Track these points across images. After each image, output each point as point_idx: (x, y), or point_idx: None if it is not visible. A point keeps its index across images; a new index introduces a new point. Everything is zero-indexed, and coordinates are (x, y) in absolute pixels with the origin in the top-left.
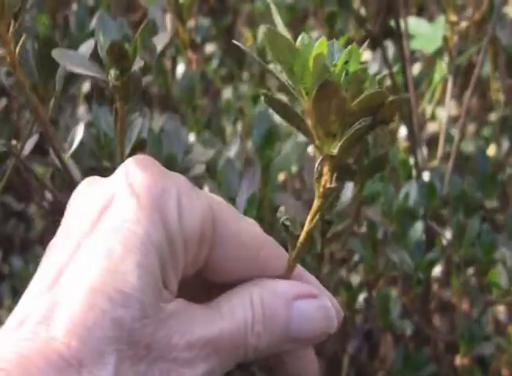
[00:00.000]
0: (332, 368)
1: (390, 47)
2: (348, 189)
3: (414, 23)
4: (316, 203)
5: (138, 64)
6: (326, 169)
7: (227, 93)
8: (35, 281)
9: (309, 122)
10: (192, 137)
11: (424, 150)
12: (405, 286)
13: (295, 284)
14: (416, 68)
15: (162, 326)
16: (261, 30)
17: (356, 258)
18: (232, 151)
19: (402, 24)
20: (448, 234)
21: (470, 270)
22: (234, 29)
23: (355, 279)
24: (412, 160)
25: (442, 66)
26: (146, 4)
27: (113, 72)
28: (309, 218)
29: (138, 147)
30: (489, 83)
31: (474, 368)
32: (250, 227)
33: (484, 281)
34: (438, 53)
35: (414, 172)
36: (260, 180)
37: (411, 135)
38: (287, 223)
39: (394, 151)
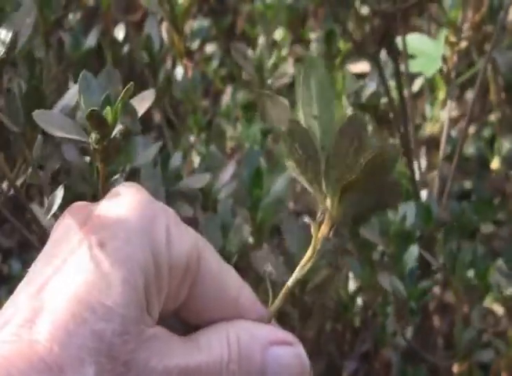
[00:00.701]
0: None
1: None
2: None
3: (414, 41)
4: (310, 251)
5: (118, 129)
6: (327, 219)
7: (227, 96)
8: (21, 288)
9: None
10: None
11: (423, 162)
12: (399, 311)
13: (272, 330)
14: (417, 83)
15: (142, 346)
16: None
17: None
18: (227, 174)
19: (400, 43)
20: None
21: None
22: (234, 29)
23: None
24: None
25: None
26: (146, 4)
27: (93, 136)
28: (300, 266)
29: None
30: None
31: (474, 372)
32: (230, 271)
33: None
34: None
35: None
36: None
37: (407, 153)
38: (272, 271)
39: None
